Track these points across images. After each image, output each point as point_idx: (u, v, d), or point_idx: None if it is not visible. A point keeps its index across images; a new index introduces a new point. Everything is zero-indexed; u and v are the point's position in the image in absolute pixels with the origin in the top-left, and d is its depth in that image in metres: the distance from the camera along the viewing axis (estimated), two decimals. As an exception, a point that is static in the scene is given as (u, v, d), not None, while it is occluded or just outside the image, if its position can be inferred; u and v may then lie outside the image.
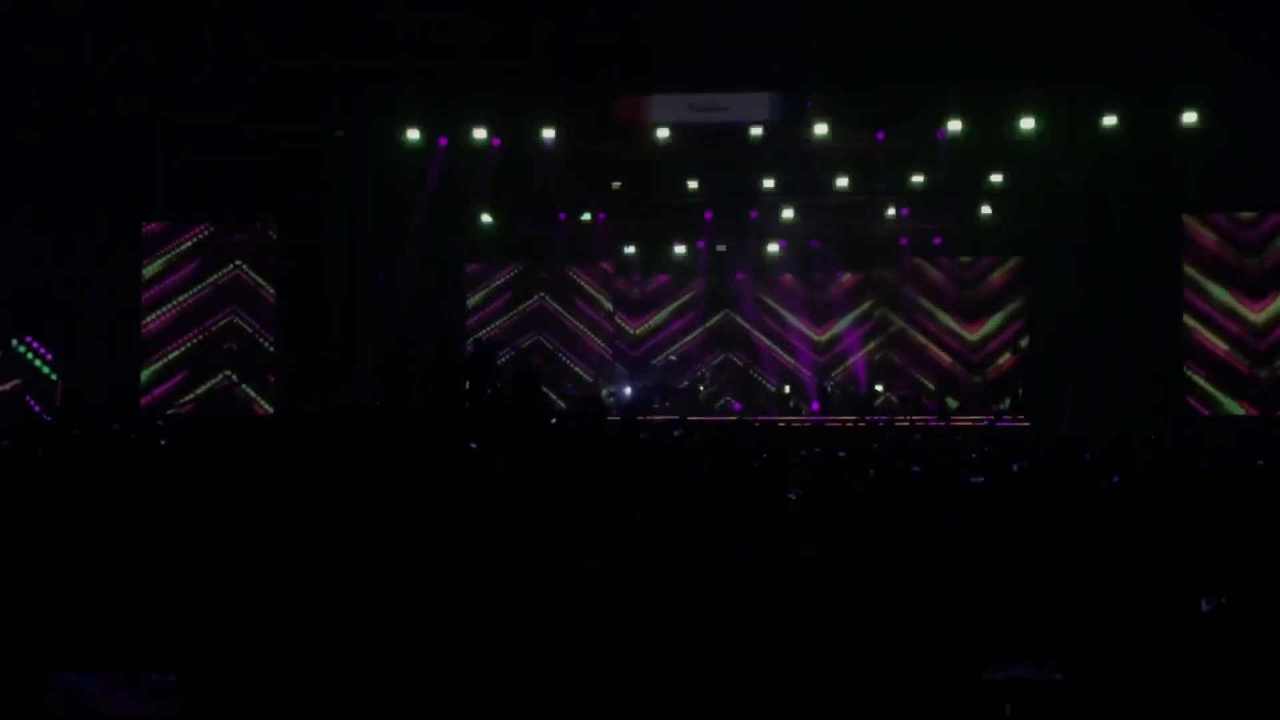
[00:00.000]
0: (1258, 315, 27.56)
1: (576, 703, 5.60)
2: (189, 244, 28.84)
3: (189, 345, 28.68)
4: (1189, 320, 27.43)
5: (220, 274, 28.86)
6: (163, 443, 17.38)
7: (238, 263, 28.81)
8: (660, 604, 6.72)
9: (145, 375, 28.47)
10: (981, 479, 11.53)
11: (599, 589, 6.93)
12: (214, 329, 28.81)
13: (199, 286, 28.80)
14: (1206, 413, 27.29)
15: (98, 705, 5.28)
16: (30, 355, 27.44)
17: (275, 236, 28.35)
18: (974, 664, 5.64)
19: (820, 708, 5.61)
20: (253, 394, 28.59)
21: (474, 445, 15.31)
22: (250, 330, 28.81)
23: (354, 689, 5.61)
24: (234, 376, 28.62)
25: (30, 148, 25.81)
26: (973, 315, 32.42)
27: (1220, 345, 27.51)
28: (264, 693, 5.62)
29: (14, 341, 27.38)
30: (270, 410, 28.21)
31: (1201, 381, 27.48)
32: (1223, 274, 27.65)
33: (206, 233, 28.86)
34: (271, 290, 28.50)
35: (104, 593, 6.76)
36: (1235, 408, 27.43)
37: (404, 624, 6.20)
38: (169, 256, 28.77)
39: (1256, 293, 27.61)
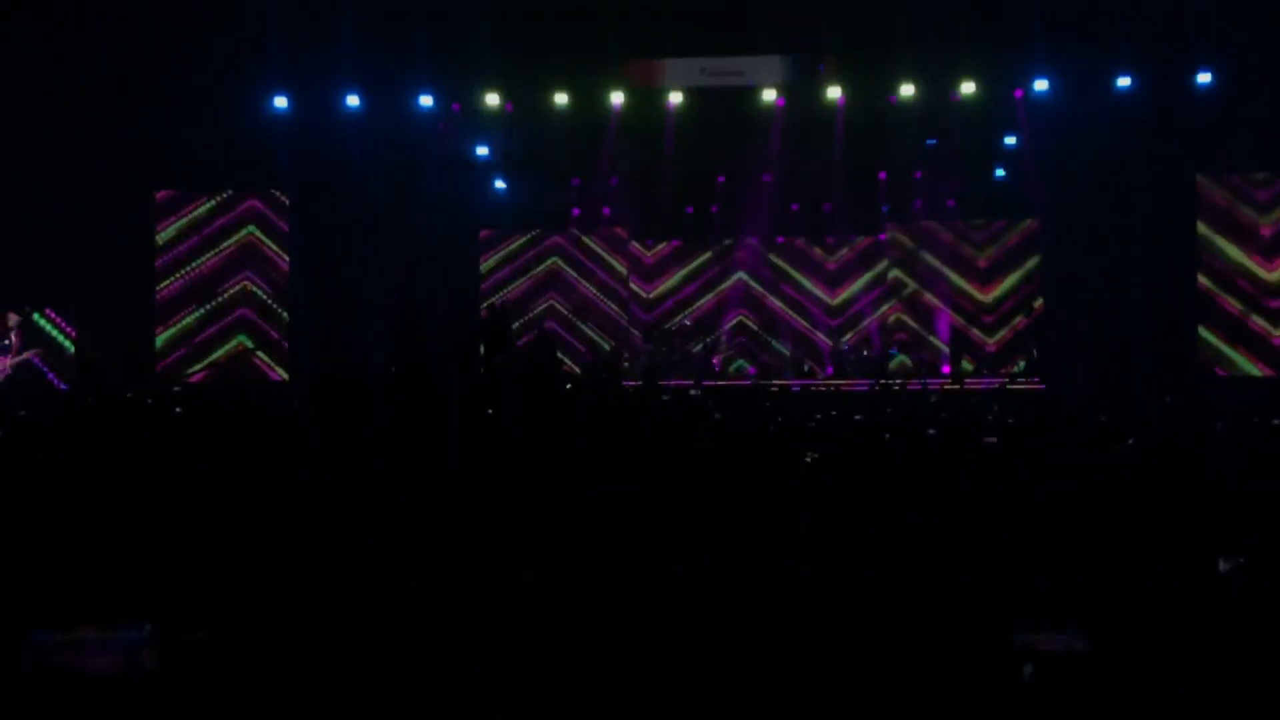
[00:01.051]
0: (1271, 274, 27.50)
1: (592, 667, 5.60)
2: (202, 210, 28.86)
3: (202, 310, 28.73)
4: (1203, 279, 27.36)
5: (233, 240, 28.91)
6: (177, 409, 17.42)
7: (251, 229, 28.86)
8: (677, 566, 6.72)
9: (160, 341, 28.52)
10: (995, 440, 11.52)
11: (613, 552, 6.92)
12: (227, 295, 28.88)
13: (212, 253, 28.84)
14: (1222, 373, 27.22)
15: (67, 662, 5.29)
16: (50, 328, 27.51)
17: (288, 202, 28.35)
18: (994, 628, 5.64)
19: (835, 670, 5.60)
20: (266, 359, 28.65)
21: (490, 411, 15.34)
22: (264, 297, 28.87)
23: (358, 654, 5.60)
24: (248, 343, 28.68)
25: (42, 118, 25.87)
26: (987, 277, 32.33)
27: (1235, 305, 27.43)
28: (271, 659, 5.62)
29: (35, 315, 27.44)
30: (284, 376, 28.27)
31: (1216, 341, 27.42)
32: (1236, 233, 27.58)
33: (219, 199, 28.88)
34: (285, 257, 28.52)
35: (103, 554, 6.79)
36: (1251, 368, 27.37)
37: (418, 588, 6.19)
38: (181, 224, 28.80)
39: (1270, 252, 27.56)
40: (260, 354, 28.66)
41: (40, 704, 5.20)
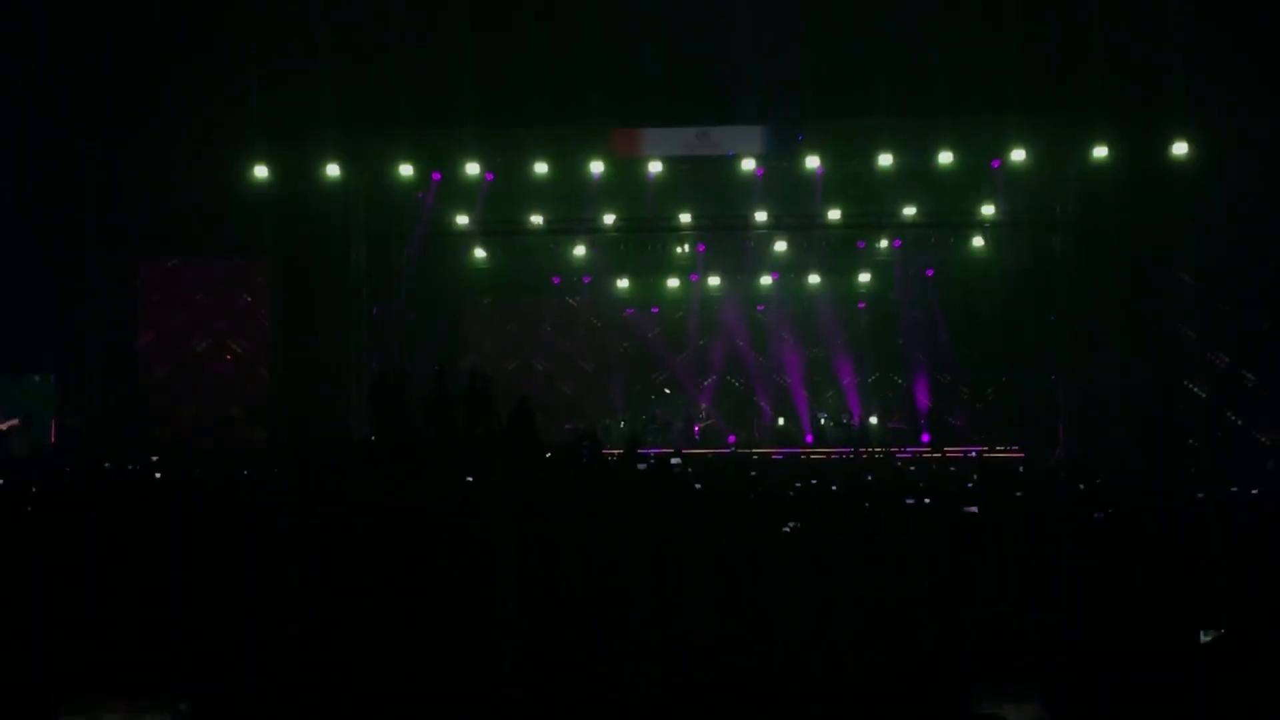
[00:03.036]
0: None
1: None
2: (185, 278, 28.88)
3: (183, 370, 28.68)
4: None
5: (217, 308, 28.89)
6: (158, 476, 17.42)
7: (240, 296, 28.89)
8: (657, 632, 6.75)
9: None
10: (975, 509, 11.56)
11: (595, 619, 6.96)
12: (210, 360, 28.87)
13: (197, 320, 28.84)
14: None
15: None
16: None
17: (267, 271, 28.31)
18: (961, 696, 5.67)
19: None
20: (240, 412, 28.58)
21: (469, 479, 15.34)
22: (245, 361, 28.87)
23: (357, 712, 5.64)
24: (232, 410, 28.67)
25: (29, 187, 25.94)
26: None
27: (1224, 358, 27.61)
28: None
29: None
30: (265, 435, 28.20)
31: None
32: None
33: (203, 267, 28.89)
34: (266, 321, 28.50)
35: (106, 623, 6.81)
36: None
37: (403, 654, 6.23)
38: (165, 290, 28.83)
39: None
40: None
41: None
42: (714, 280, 32.87)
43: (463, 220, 29.46)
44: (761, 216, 28.75)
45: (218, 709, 5.60)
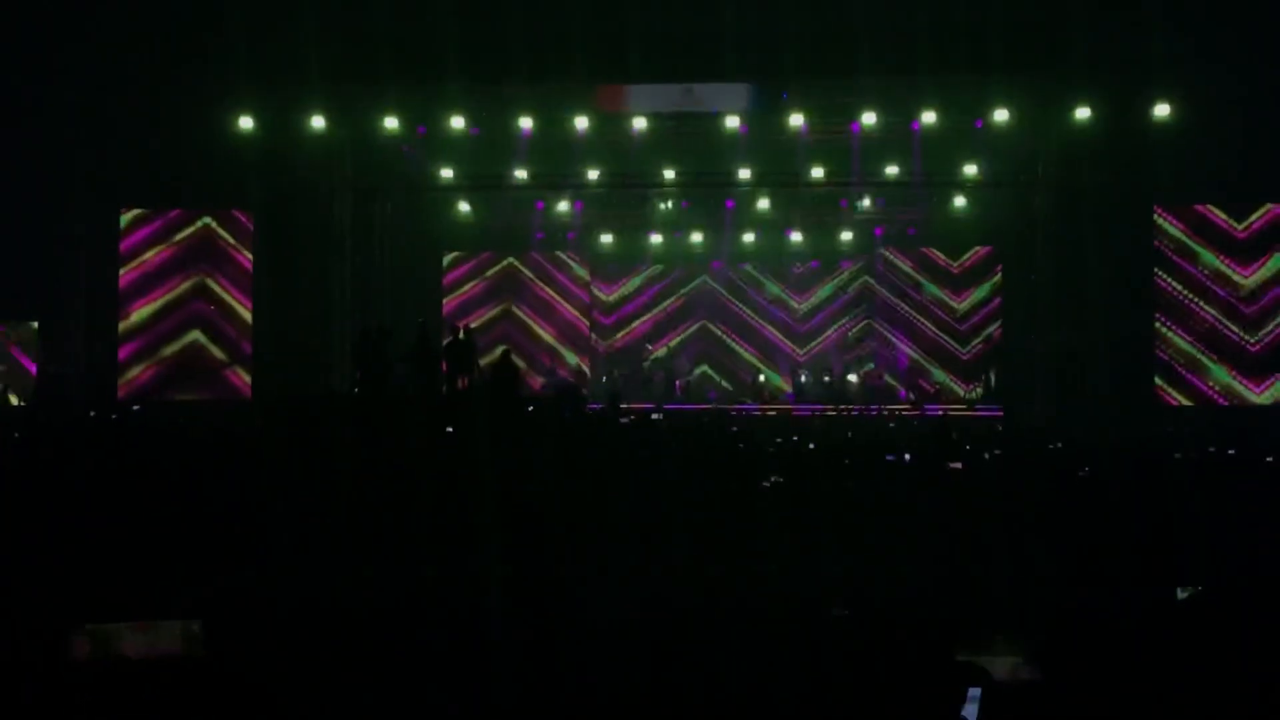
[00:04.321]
0: (1248, 279, 27.79)
1: (554, 681, 5.62)
2: (166, 228, 28.74)
3: (162, 305, 28.62)
4: (1177, 286, 27.67)
5: (200, 258, 28.79)
6: (141, 426, 17.38)
7: (224, 249, 28.79)
8: (638, 587, 6.73)
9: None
10: (960, 465, 11.58)
11: (577, 573, 6.94)
12: (191, 307, 28.79)
13: (179, 269, 28.73)
14: (1174, 403, 27.36)
15: (125, 649, 5.44)
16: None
17: (252, 223, 28.20)
18: (945, 650, 5.66)
19: (793, 688, 5.62)
20: (221, 354, 28.50)
21: (450, 430, 15.32)
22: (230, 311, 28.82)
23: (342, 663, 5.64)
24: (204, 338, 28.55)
25: (13, 137, 25.81)
26: (959, 286, 32.70)
27: (1210, 312, 27.69)
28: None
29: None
30: (246, 379, 28.15)
31: (1189, 347, 27.64)
32: (1212, 239, 27.95)
33: (185, 218, 28.75)
34: (249, 273, 28.38)
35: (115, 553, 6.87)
36: (1224, 374, 27.59)
37: (384, 602, 6.20)
38: (147, 240, 28.70)
39: (1245, 258, 27.88)
40: (237, 368, 28.49)
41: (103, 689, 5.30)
42: (697, 237, 32.83)
43: (447, 174, 29.34)
44: (745, 174, 28.66)
45: (226, 629, 5.69)
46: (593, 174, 29.00)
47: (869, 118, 26.33)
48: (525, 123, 26.75)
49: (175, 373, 28.45)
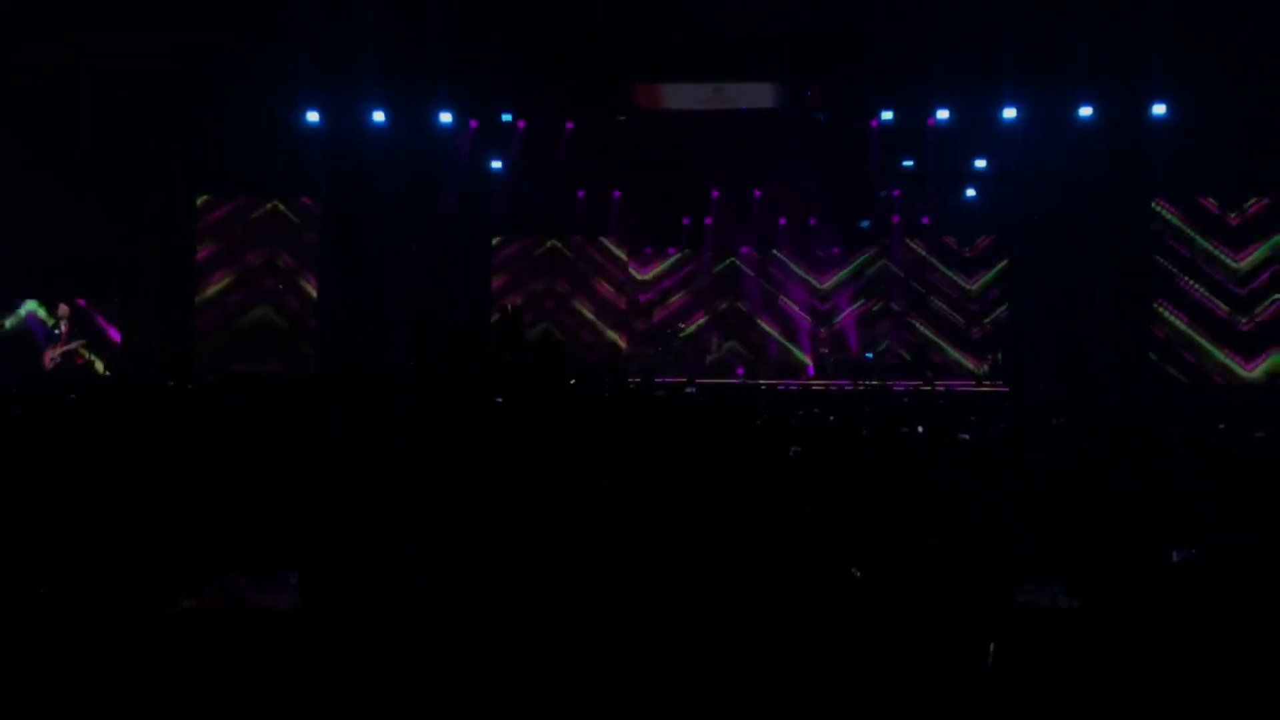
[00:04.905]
0: (1240, 263, 27.78)
1: (588, 642, 5.63)
2: (238, 210, 29.11)
3: (234, 281, 28.95)
4: (1173, 268, 27.64)
5: (266, 243, 29.10)
6: (215, 398, 17.51)
7: (293, 234, 29.10)
8: (672, 544, 6.76)
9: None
10: (968, 436, 11.59)
11: (613, 529, 6.98)
12: (261, 284, 29.15)
13: (248, 254, 29.06)
14: (1173, 380, 27.37)
15: (241, 599, 5.48)
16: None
17: (318, 210, 28.48)
18: (984, 587, 5.66)
19: (825, 639, 5.62)
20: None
21: (500, 401, 15.41)
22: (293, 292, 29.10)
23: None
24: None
25: (98, 125, 26.09)
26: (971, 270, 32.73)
27: (1201, 291, 27.70)
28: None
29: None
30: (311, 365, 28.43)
31: (1185, 328, 27.62)
32: (1207, 227, 27.97)
33: (255, 203, 29.09)
34: (317, 258, 28.66)
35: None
36: (1218, 353, 27.58)
37: (446, 572, 6.24)
38: (222, 221, 29.06)
39: (1238, 243, 27.87)
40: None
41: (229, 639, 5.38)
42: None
43: (496, 165, 29.48)
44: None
45: (321, 581, 5.75)
46: (632, 168, 29.16)
47: (887, 114, 26.35)
48: (568, 120, 26.89)
49: (246, 345, 28.76)
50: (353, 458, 8.76)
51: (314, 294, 28.80)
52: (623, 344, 33.14)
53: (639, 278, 33.90)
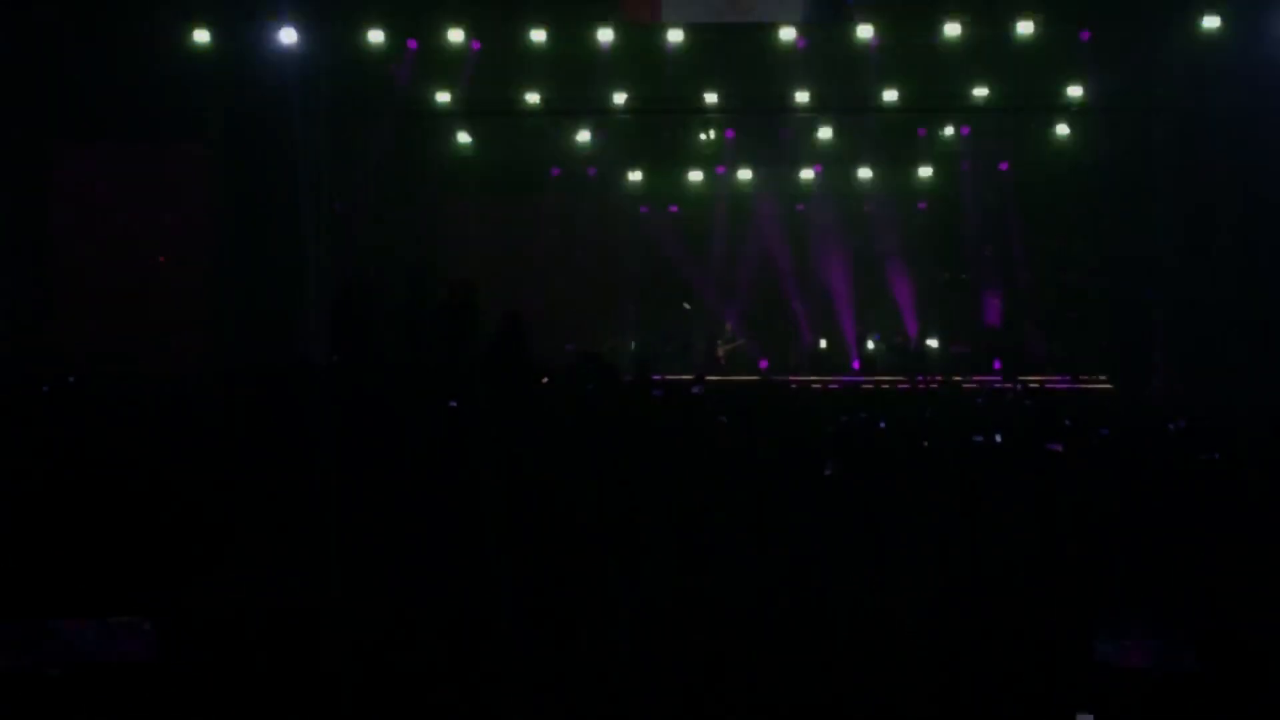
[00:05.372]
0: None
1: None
2: (106, 166, 28.83)
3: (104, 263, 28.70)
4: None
5: (147, 200, 28.85)
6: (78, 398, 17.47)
7: (175, 188, 28.83)
8: (674, 599, 6.76)
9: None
10: (1060, 446, 11.55)
11: (602, 577, 6.98)
12: (137, 260, 28.88)
13: (123, 212, 28.81)
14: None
15: (85, 649, 5.60)
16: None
17: (207, 158, 28.25)
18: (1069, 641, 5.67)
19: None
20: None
21: (452, 404, 15.36)
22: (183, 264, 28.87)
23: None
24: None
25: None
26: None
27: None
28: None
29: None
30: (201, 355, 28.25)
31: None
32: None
33: (126, 150, 28.81)
34: (199, 219, 28.42)
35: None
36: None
37: (366, 608, 6.26)
38: (81, 177, 28.81)
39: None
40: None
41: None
42: (744, 174, 32.82)
43: (444, 99, 29.32)
44: (803, 98, 28.61)
45: (180, 629, 5.80)
46: (619, 98, 28.98)
47: (953, 28, 26.24)
48: (537, 35, 26.71)
49: (116, 334, 28.56)
50: (248, 484, 8.74)
51: (206, 268, 28.60)
52: (609, 332, 33.08)
53: (631, 247, 33.83)
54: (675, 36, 26.73)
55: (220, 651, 5.86)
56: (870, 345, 31.74)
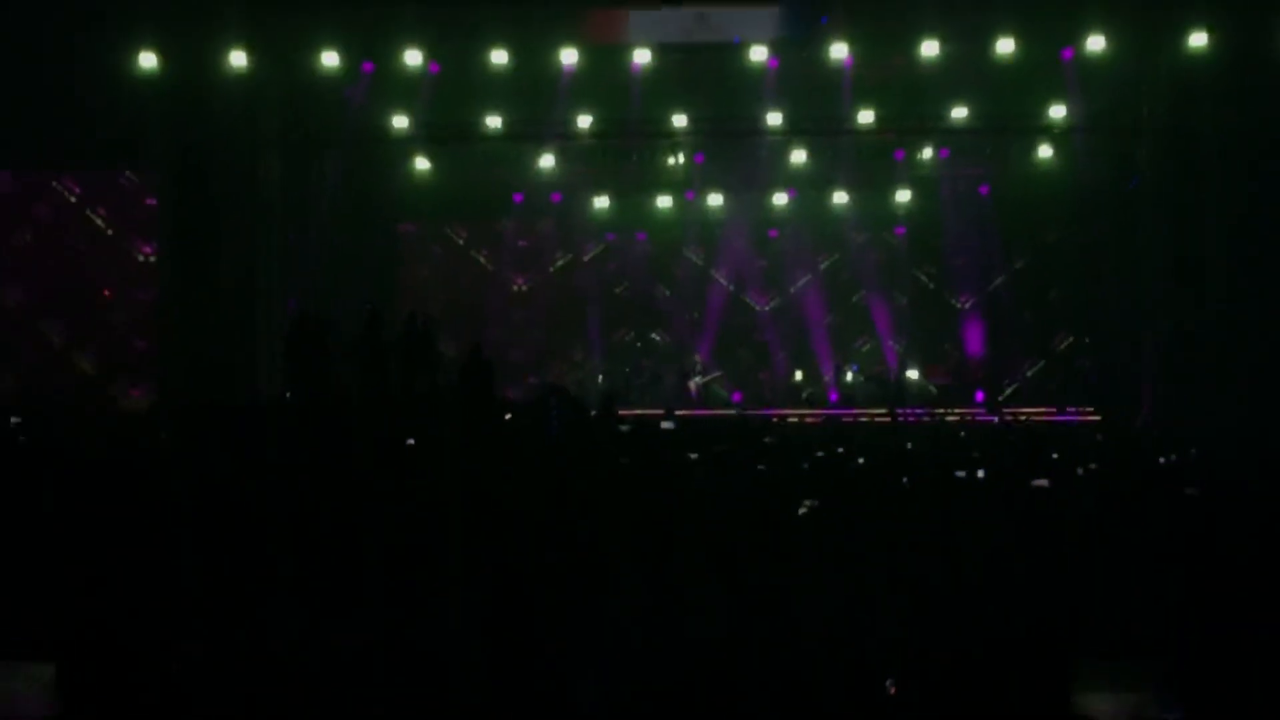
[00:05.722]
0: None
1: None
2: (37, 193, 28.78)
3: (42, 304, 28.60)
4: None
5: (91, 233, 28.79)
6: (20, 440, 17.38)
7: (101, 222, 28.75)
8: (643, 646, 6.72)
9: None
10: (1046, 482, 11.54)
11: (569, 617, 6.93)
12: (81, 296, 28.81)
13: (63, 246, 28.74)
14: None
15: None
16: None
17: (155, 187, 28.18)
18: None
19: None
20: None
21: (409, 443, 15.30)
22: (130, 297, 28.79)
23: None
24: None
25: None
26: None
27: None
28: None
29: None
30: (149, 392, 28.15)
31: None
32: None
33: (68, 180, 28.76)
34: (144, 253, 28.35)
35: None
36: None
37: (319, 660, 6.20)
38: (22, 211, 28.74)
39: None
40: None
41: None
42: (715, 199, 32.82)
43: (401, 123, 29.28)
44: (775, 120, 28.62)
45: (80, 674, 5.74)
46: (583, 121, 28.97)
47: (930, 47, 26.24)
48: (498, 56, 26.67)
49: (50, 374, 28.47)
50: (194, 523, 8.69)
51: (153, 301, 28.51)
52: (575, 365, 33.09)
53: (597, 276, 33.88)
54: (642, 57, 26.69)
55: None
56: (849, 377, 31.72)
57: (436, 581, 7.61)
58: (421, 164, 31.48)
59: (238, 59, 25.83)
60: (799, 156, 30.66)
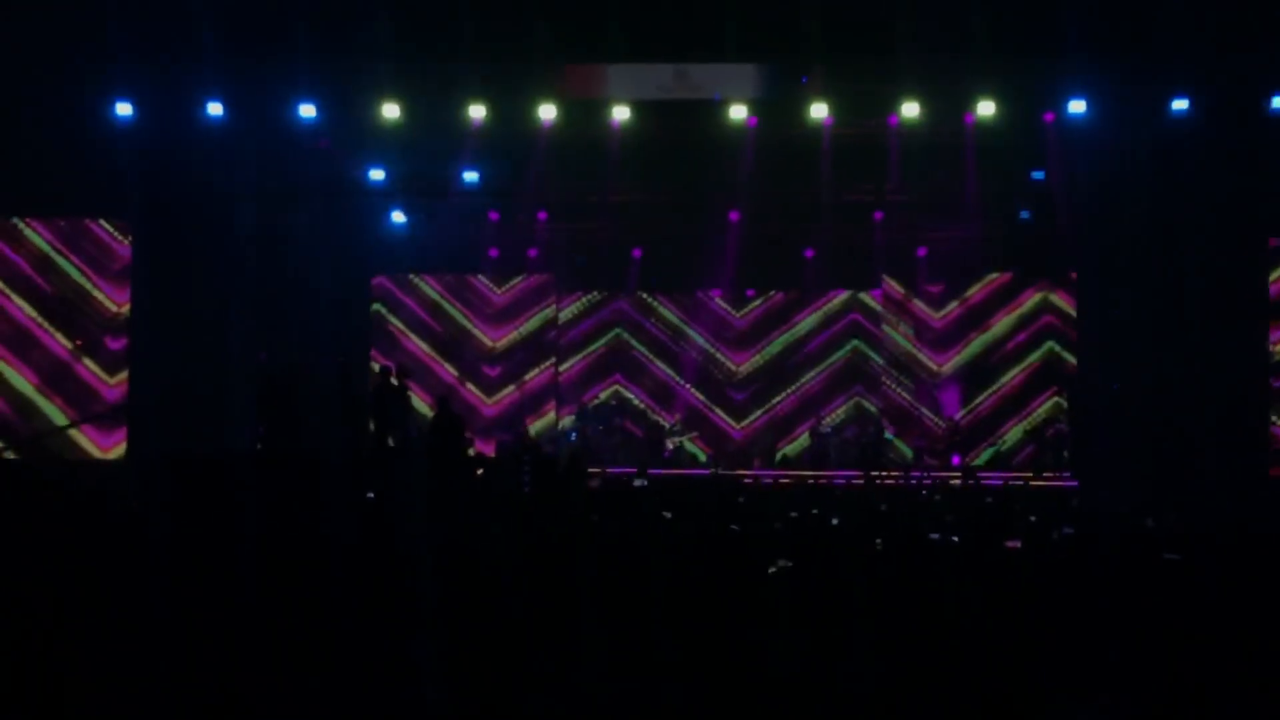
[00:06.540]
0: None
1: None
2: (17, 243, 28.76)
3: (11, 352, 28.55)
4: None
5: (56, 281, 28.74)
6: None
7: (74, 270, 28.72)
8: (611, 699, 6.75)
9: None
10: (1018, 543, 11.59)
11: (537, 677, 6.96)
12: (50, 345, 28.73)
13: (31, 297, 28.70)
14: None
15: None
16: None
17: (129, 235, 28.21)
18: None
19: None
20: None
21: (375, 497, 15.34)
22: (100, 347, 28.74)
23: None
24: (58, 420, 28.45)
25: None
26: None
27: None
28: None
29: None
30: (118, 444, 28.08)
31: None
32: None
33: (41, 228, 28.75)
34: (116, 302, 28.33)
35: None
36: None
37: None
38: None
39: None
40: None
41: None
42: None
43: (378, 176, 29.32)
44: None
45: None
46: (560, 181, 29.09)
47: (910, 109, 26.26)
48: (476, 111, 26.70)
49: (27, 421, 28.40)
50: (167, 577, 8.71)
51: (125, 352, 28.47)
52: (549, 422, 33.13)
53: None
54: (621, 114, 26.72)
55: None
56: (822, 436, 31.80)
57: (405, 637, 7.64)
58: (397, 216, 31.52)
59: (214, 109, 25.85)
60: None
